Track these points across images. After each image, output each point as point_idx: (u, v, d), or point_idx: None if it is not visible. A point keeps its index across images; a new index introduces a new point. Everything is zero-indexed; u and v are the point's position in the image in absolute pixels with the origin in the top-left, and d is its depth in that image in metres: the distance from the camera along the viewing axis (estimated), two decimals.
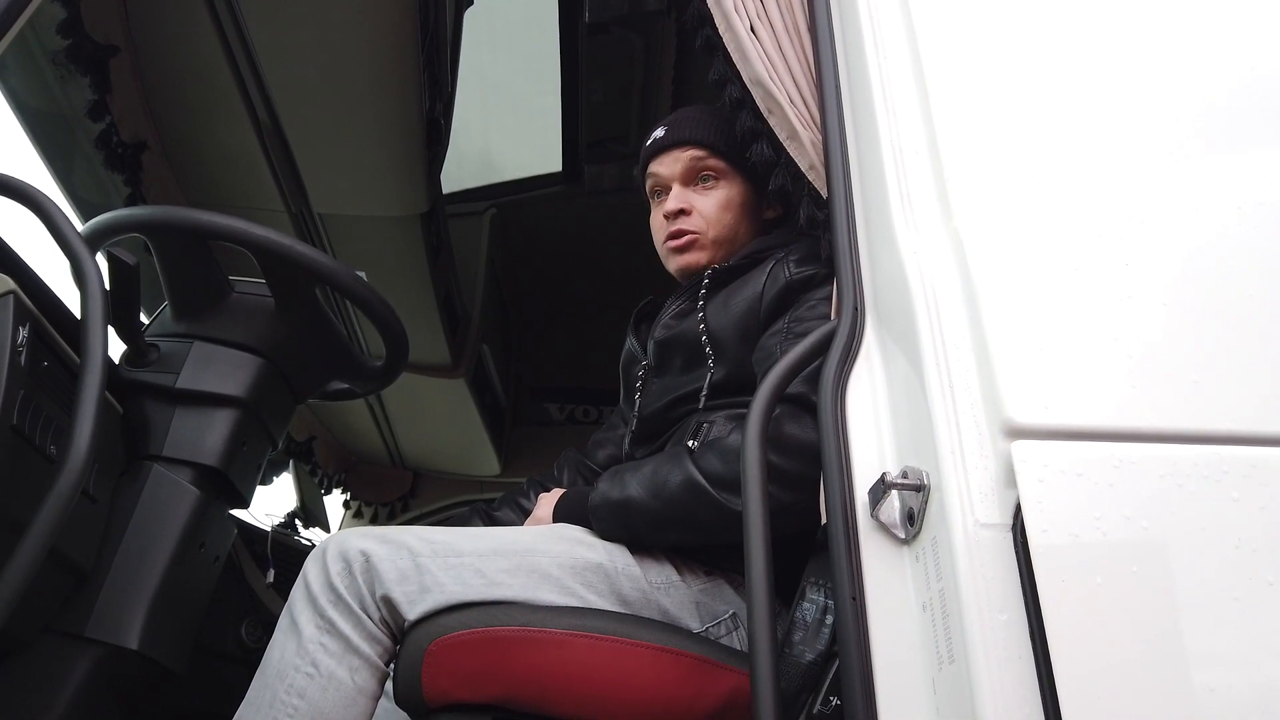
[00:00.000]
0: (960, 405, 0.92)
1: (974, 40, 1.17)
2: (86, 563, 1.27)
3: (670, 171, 1.64)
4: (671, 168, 1.64)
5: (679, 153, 1.64)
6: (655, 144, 1.68)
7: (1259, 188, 1.00)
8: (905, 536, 0.95)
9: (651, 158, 1.68)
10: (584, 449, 1.84)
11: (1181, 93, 1.10)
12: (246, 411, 1.48)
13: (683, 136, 1.64)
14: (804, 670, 1.06)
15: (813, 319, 1.34)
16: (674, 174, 1.64)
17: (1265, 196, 1.00)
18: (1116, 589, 0.81)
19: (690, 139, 1.63)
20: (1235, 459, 0.85)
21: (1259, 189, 1.00)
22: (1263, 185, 1.00)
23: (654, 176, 1.68)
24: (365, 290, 1.53)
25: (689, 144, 1.63)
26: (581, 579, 1.29)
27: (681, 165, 1.63)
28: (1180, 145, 1.07)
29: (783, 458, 1.21)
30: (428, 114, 2.43)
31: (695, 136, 1.62)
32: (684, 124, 1.66)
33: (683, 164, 1.63)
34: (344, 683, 1.20)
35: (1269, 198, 0.99)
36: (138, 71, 2.26)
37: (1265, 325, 0.92)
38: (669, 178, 1.65)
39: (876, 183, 1.15)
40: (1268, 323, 0.92)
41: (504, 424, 3.89)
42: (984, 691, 0.79)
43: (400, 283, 2.84)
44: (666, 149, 1.65)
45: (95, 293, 1.11)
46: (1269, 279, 0.95)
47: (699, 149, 1.62)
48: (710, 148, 1.61)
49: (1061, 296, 0.96)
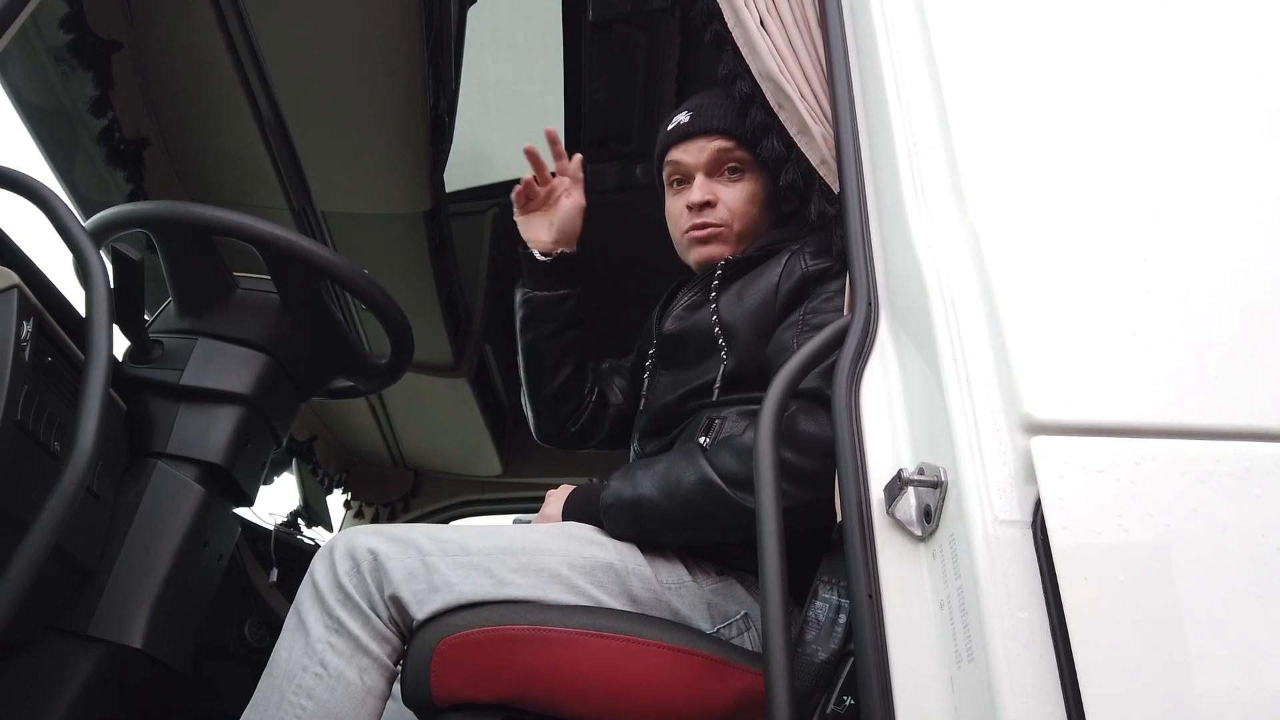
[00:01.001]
0: (978, 401, 0.91)
1: (988, 31, 1.16)
2: (90, 561, 1.26)
3: (695, 160, 1.59)
4: (697, 156, 1.59)
5: (705, 141, 1.58)
6: (679, 129, 1.62)
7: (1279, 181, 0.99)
8: (922, 534, 0.94)
9: (674, 144, 1.62)
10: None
11: (1199, 85, 1.09)
12: (251, 409, 1.47)
13: (710, 125, 1.58)
14: (817, 670, 1.04)
15: (828, 311, 1.33)
16: (699, 163, 1.59)
17: None
18: (1139, 586, 0.80)
19: (718, 128, 1.57)
20: (1258, 455, 0.84)
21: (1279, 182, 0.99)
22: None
23: (675, 164, 1.62)
24: (371, 287, 1.52)
25: (717, 133, 1.57)
26: (592, 578, 1.28)
27: (708, 155, 1.58)
28: (1198, 137, 1.06)
29: (797, 454, 1.20)
30: (432, 111, 2.42)
31: (723, 126, 1.57)
32: (710, 112, 1.59)
33: (709, 154, 1.58)
34: (353, 683, 1.19)
35: None
36: (140, 67, 2.24)
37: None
38: (693, 166, 1.59)
39: (890, 177, 1.14)
40: None
41: (505, 424, 3.88)
42: (1004, 690, 0.78)
43: (403, 281, 2.83)
44: (691, 136, 1.60)
45: (100, 288, 1.10)
46: None
47: (727, 139, 1.56)
48: (738, 138, 1.55)
49: (1079, 291, 0.95)
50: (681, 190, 1.63)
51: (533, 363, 1.73)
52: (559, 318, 1.70)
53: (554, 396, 1.73)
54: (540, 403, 1.75)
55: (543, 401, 1.75)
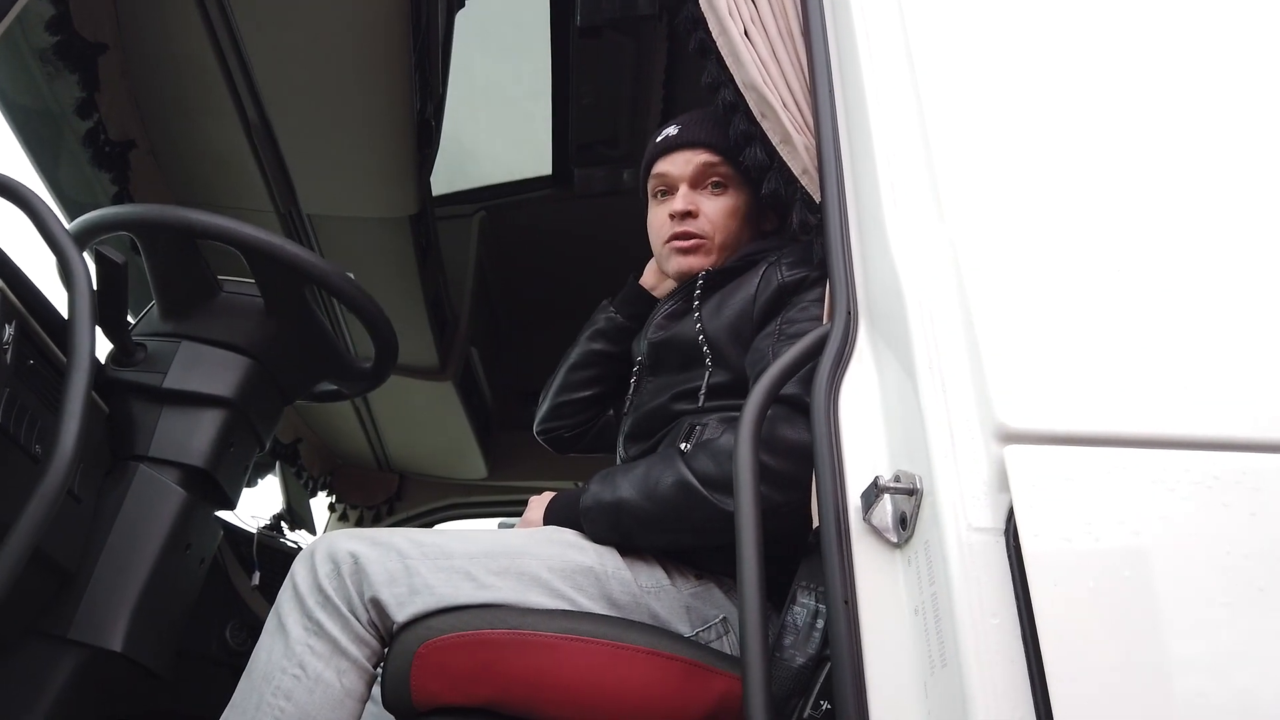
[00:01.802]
0: (953, 409, 0.92)
1: (968, 45, 1.18)
2: (70, 564, 1.26)
3: (680, 172, 1.63)
4: (682, 168, 1.63)
5: (691, 154, 1.62)
6: (667, 141, 1.65)
7: (1251, 193, 1.01)
8: (897, 540, 0.95)
9: (660, 155, 1.66)
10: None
11: (1171, 101, 1.11)
12: (234, 412, 1.47)
13: (698, 138, 1.62)
14: (795, 674, 1.05)
15: (804, 320, 1.35)
16: (684, 175, 1.62)
17: (1257, 202, 1.00)
18: (1109, 594, 0.81)
19: (705, 142, 1.61)
20: (1226, 465, 0.86)
21: (1251, 195, 1.01)
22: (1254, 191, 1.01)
23: (660, 175, 1.66)
24: (356, 291, 1.52)
25: (703, 147, 1.61)
26: (572, 582, 1.28)
27: (693, 167, 1.62)
28: (1170, 152, 1.07)
29: (775, 458, 1.21)
30: (419, 115, 2.42)
31: (710, 140, 1.61)
32: (698, 126, 1.64)
33: (694, 166, 1.62)
34: (331, 685, 1.19)
35: (1260, 203, 1.00)
36: (127, 69, 2.24)
37: (1256, 331, 0.93)
38: (678, 178, 1.63)
39: (870, 187, 1.15)
40: (1258, 329, 0.93)
41: (491, 427, 3.88)
42: (976, 695, 0.79)
43: (389, 285, 2.83)
44: (678, 148, 1.63)
45: (83, 291, 1.10)
46: (1260, 285, 0.95)
47: (713, 153, 1.61)
48: (724, 154, 1.59)
49: (1054, 301, 0.96)
50: (665, 201, 1.66)
51: (578, 367, 1.81)
52: (622, 344, 1.77)
53: (574, 403, 1.82)
54: (559, 402, 1.83)
55: (563, 403, 1.83)
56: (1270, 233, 0.98)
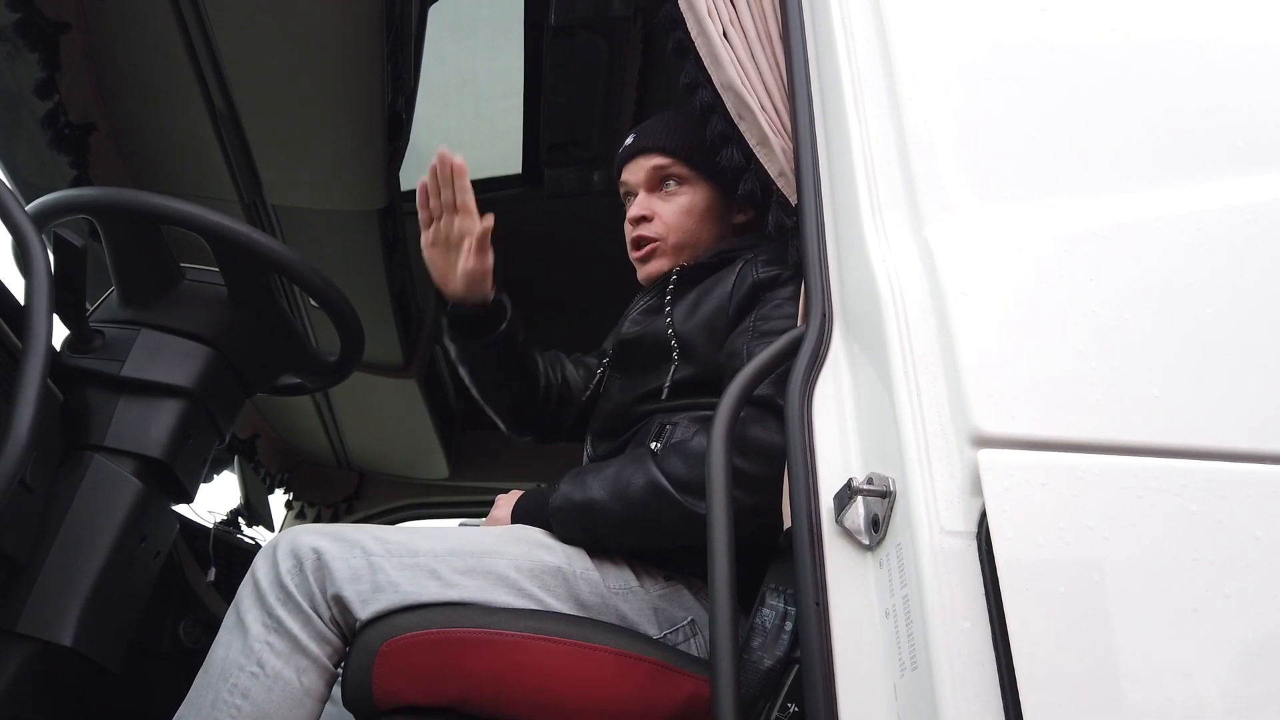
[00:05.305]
0: (927, 413, 0.93)
1: (947, 50, 1.18)
2: (20, 555, 1.22)
3: (636, 179, 1.66)
4: (637, 175, 1.66)
5: (644, 160, 1.65)
6: (625, 151, 1.70)
7: (1224, 204, 1.02)
8: (869, 543, 0.95)
9: (622, 165, 1.70)
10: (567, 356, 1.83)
11: (1149, 109, 1.12)
12: (194, 403, 1.43)
13: (646, 144, 1.66)
14: (762, 677, 1.05)
15: (778, 318, 1.35)
16: (639, 181, 1.66)
17: (1230, 213, 1.02)
18: (1079, 597, 0.81)
19: (653, 146, 1.64)
20: (1194, 473, 0.87)
21: (1224, 205, 1.02)
22: (1228, 202, 1.02)
23: (624, 184, 1.70)
24: (321, 282, 1.49)
25: (652, 151, 1.65)
26: (539, 582, 1.27)
27: (645, 173, 1.65)
28: (1146, 161, 1.08)
29: (746, 460, 1.21)
30: (390, 107, 2.39)
31: (658, 143, 1.64)
32: (650, 131, 1.68)
33: (645, 171, 1.65)
34: (290, 683, 1.17)
35: (1234, 214, 1.02)
36: (90, 51, 2.19)
37: (1226, 341, 0.94)
38: (635, 184, 1.67)
39: (847, 190, 1.15)
40: (1228, 338, 0.94)
41: (454, 426, 3.85)
42: (946, 698, 0.79)
43: (354, 279, 2.79)
44: (634, 156, 1.67)
45: (40, 274, 1.06)
46: (1231, 295, 0.97)
47: (662, 156, 1.63)
48: (673, 154, 1.62)
49: (1029, 308, 0.97)
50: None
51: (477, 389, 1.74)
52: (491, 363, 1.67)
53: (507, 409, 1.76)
54: (496, 412, 1.79)
55: (497, 412, 1.78)
56: (1244, 243, 1.00)
